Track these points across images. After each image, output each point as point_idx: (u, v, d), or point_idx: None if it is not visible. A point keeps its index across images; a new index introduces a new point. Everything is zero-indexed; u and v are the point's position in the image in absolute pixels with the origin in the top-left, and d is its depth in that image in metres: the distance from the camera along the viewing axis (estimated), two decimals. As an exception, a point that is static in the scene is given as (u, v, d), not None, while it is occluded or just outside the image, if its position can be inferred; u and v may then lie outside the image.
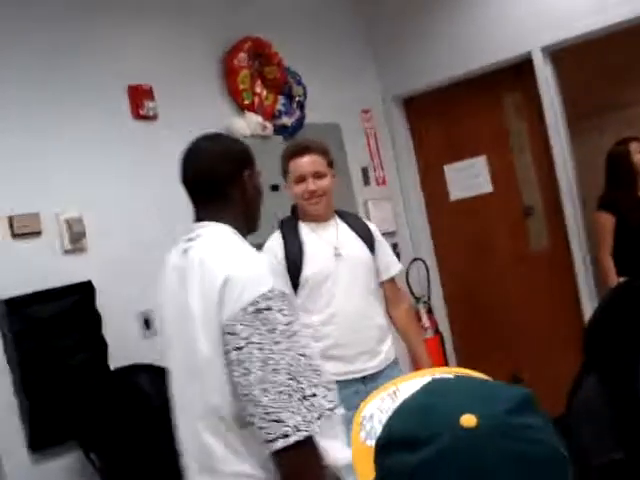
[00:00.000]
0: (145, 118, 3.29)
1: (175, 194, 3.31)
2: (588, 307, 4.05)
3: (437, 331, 4.59)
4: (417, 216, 4.78)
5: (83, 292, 2.89)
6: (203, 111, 3.56)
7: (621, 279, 3.83)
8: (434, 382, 0.81)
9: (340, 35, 4.50)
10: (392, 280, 2.97)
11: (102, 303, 2.93)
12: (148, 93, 3.31)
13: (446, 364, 4.59)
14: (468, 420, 0.71)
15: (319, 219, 2.81)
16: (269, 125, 3.69)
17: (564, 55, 4.24)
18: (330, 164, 2.80)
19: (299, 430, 1.57)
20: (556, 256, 4.37)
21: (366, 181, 4.51)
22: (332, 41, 4.42)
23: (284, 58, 3.89)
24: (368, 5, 4.69)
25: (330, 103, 4.27)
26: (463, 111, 4.60)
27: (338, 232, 2.82)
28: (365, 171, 4.51)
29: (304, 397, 1.60)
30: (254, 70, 3.76)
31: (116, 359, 2.94)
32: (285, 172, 2.81)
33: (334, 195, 2.81)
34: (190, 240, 1.76)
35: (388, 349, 2.83)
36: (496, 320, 4.62)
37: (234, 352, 1.62)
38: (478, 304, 4.70)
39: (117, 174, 3.17)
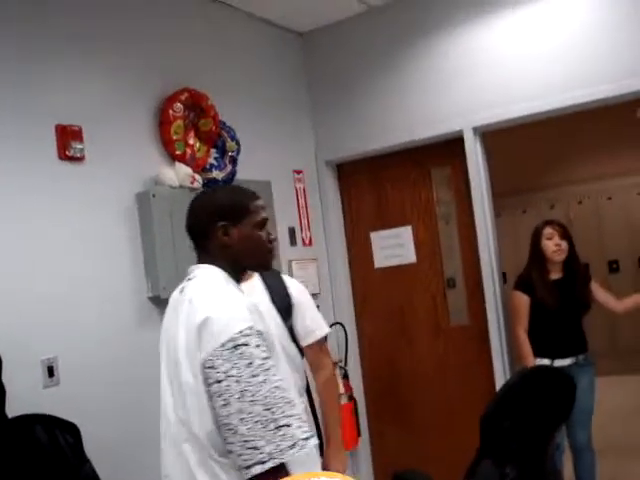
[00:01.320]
0: (71, 159, 3.21)
1: (94, 238, 3.26)
2: (501, 384, 4.09)
3: (351, 397, 4.55)
4: (341, 280, 4.79)
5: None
6: (133, 157, 3.50)
7: (537, 359, 3.90)
8: None
9: (279, 95, 4.55)
10: (312, 345, 2.81)
11: (3, 348, 2.78)
12: (77, 134, 3.23)
13: (358, 431, 4.56)
14: None
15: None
16: (199, 178, 3.65)
17: (494, 135, 4.37)
18: None
19: (273, 457, 1.72)
20: (474, 330, 4.42)
21: (292, 241, 4.50)
22: (270, 100, 4.45)
23: (220, 112, 3.88)
24: (308, 70, 4.78)
25: (263, 160, 4.27)
26: (393, 180, 4.68)
27: (252, 294, 2.60)
28: (292, 231, 4.50)
29: (278, 427, 1.74)
30: (189, 121, 3.74)
31: (14, 408, 2.78)
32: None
33: None
34: (189, 280, 2.02)
35: None
36: (410, 390, 4.64)
37: (215, 385, 1.78)
38: (394, 373, 4.71)
39: (35, 215, 3.06)
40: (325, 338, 2.92)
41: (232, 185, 2.24)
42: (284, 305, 2.71)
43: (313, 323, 2.81)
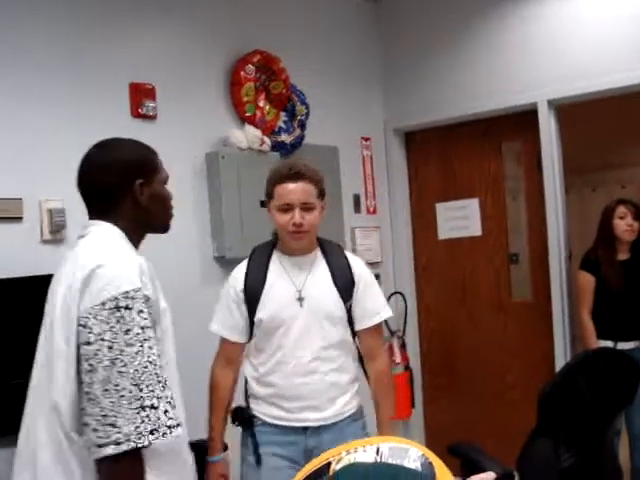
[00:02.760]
0: (144, 117, 3.26)
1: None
2: (561, 364, 4.04)
3: (407, 367, 4.56)
4: (403, 249, 4.76)
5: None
6: (203, 117, 3.54)
7: (600, 341, 3.83)
8: (340, 471, 0.81)
9: (351, 61, 4.50)
10: (369, 330, 2.57)
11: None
12: (150, 92, 3.28)
13: (412, 401, 4.57)
14: None
15: (296, 252, 2.52)
16: (267, 140, 3.66)
17: (568, 110, 4.25)
18: (321, 195, 2.47)
19: (129, 440, 1.54)
20: (536, 308, 4.36)
21: (357, 208, 4.48)
22: (342, 65, 4.41)
23: (291, 76, 3.88)
24: (381, 36, 4.71)
25: (331, 126, 4.25)
26: (462, 152, 4.60)
27: (311, 271, 2.50)
28: (357, 198, 4.49)
29: (142, 407, 1.56)
30: (260, 84, 3.74)
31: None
32: (269, 195, 2.48)
33: (324, 219, 2.63)
34: (82, 237, 1.82)
35: (345, 404, 2.50)
36: (467, 364, 4.61)
37: (84, 346, 1.59)
38: (452, 345, 4.68)
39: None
40: (380, 324, 2.68)
41: (129, 139, 1.92)
42: (346, 284, 2.51)
43: (374, 305, 2.58)
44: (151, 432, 1.55)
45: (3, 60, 2.81)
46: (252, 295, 2.47)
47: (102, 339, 1.57)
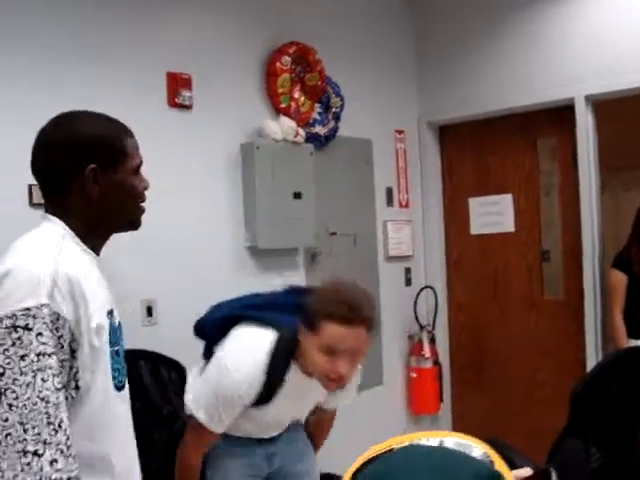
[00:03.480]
0: (180, 107, 3.28)
1: (198, 185, 3.34)
2: (592, 363, 4.00)
3: (436, 362, 4.55)
4: (435, 244, 4.74)
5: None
6: (238, 108, 3.55)
7: (631, 341, 3.78)
8: (401, 449, 0.82)
9: (386, 53, 4.48)
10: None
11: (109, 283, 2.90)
12: (186, 82, 3.30)
13: (441, 396, 4.56)
14: None
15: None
16: (302, 132, 3.67)
17: (605, 106, 4.19)
18: (371, 335, 2.07)
19: None
20: (568, 306, 4.31)
21: (389, 202, 4.47)
22: (377, 58, 4.39)
23: (326, 67, 3.87)
24: (416, 29, 4.68)
25: (365, 119, 4.25)
26: (496, 146, 4.56)
27: (316, 387, 2.19)
28: (390, 191, 4.48)
29: (24, 451, 1.27)
30: (295, 75, 3.75)
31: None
32: (312, 325, 2.03)
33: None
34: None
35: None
36: (497, 360, 4.58)
37: None
38: (482, 341, 4.66)
39: (143, 157, 3.15)
40: None
41: (97, 113, 1.58)
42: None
43: (344, 400, 2.47)
44: None
45: (40, 49, 2.85)
46: (254, 406, 2.17)
47: None
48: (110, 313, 1.53)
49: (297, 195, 3.59)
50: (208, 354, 2.27)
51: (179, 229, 3.27)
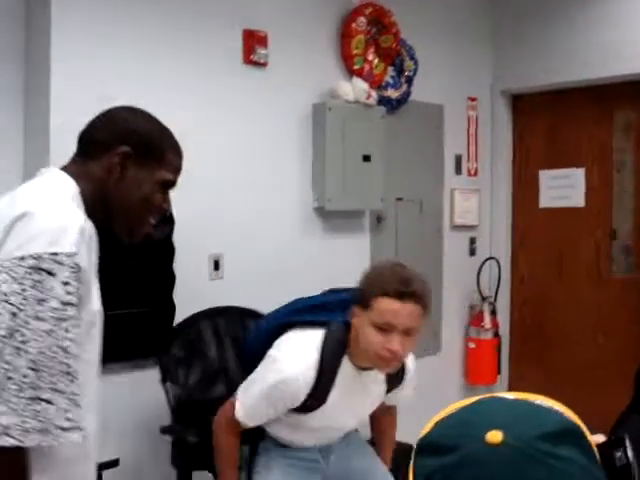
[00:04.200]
0: (255, 64, 3.28)
1: (268, 144, 3.35)
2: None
3: (497, 334, 4.51)
4: (501, 215, 4.67)
5: (163, 222, 2.91)
6: (312, 68, 3.53)
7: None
8: (483, 399, 0.86)
9: (462, 18, 4.38)
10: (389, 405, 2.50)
11: (178, 242, 2.96)
12: (262, 39, 3.29)
13: (498, 368, 4.53)
14: (493, 436, 0.74)
15: (365, 367, 2.19)
16: (374, 94, 3.63)
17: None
18: (426, 314, 2.09)
19: (7, 434, 1.22)
20: (636, 286, 4.21)
21: (458, 169, 4.41)
22: (453, 23, 4.30)
23: (401, 30, 3.82)
24: (497, -7, 4.57)
25: (438, 83, 4.18)
26: (571, 118, 4.44)
27: (373, 388, 2.28)
28: (459, 159, 4.41)
29: (35, 398, 1.24)
30: (370, 37, 3.70)
31: (182, 296, 2.98)
32: (365, 303, 2.05)
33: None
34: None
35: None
36: (559, 336, 4.51)
37: None
38: (545, 316, 4.59)
39: (218, 115, 3.18)
40: None
41: (158, 120, 1.59)
42: (395, 385, 2.35)
43: (403, 399, 2.48)
44: (39, 431, 1.24)
45: (124, 7, 2.88)
46: (305, 410, 2.17)
47: (7, 300, 1.26)
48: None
49: (366, 158, 3.57)
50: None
51: (248, 187, 3.29)
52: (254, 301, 2.98)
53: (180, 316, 2.93)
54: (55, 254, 1.27)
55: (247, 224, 3.28)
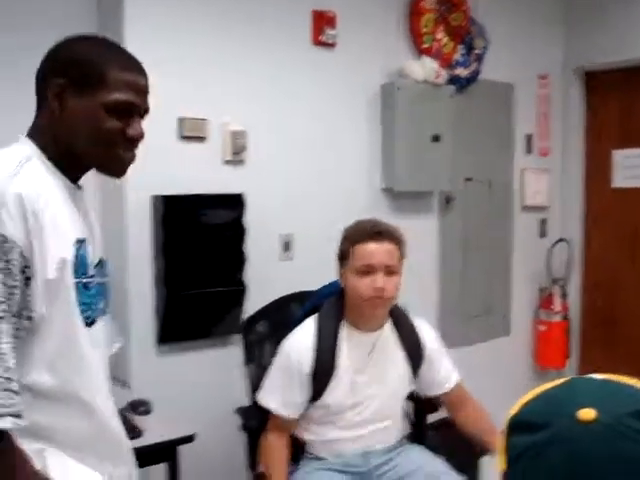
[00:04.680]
0: (324, 45, 3.27)
1: (337, 125, 3.35)
2: None
3: (566, 317, 4.43)
4: (573, 195, 4.57)
5: (234, 204, 2.95)
6: (380, 47, 3.50)
7: None
8: (574, 378, 0.87)
9: (533, -7, 4.28)
10: (451, 390, 2.41)
11: (250, 223, 2.99)
12: (331, 20, 3.28)
13: (568, 352, 4.45)
14: (586, 413, 0.75)
15: (368, 327, 2.27)
16: (444, 73, 3.58)
17: None
18: (402, 257, 2.24)
19: None
20: None
21: (528, 149, 4.33)
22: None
23: (471, 8, 3.75)
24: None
25: (508, 61, 4.10)
26: (646, 96, 4.30)
27: (383, 351, 2.29)
28: (529, 138, 4.33)
29: None
30: (439, 15, 3.65)
31: (252, 275, 3.01)
32: (344, 255, 2.24)
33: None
34: None
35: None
36: (630, 321, 4.40)
37: None
38: (616, 300, 4.48)
39: (287, 96, 3.19)
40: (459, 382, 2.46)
41: (105, 37, 1.44)
42: (416, 357, 2.35)
43: (445, 375, 2.41)
44: None
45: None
46: (321, 380, 2.22)
47: None
48: (80, 242, 1.35)
49: (435, 138, 3.53)
50: None
51: (318, 168, 3.30)
52: (323, 282, 2.97)
53: (251, 296, 2.96)
54: None
55: (316, 205, 3.29)
